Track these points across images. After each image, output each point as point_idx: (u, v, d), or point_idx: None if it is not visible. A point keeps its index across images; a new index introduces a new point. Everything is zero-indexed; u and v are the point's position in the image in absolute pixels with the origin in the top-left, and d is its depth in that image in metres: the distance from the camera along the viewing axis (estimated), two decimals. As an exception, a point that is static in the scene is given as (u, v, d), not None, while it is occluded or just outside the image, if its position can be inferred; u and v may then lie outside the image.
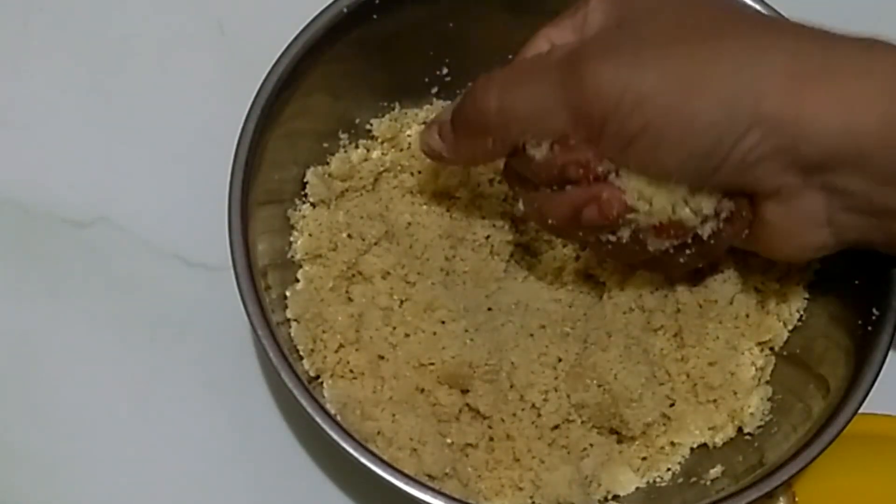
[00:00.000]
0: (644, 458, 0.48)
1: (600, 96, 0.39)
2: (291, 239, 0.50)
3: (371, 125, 0.52)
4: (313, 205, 0.51)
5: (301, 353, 0.48)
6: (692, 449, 0.49)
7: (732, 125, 0.39)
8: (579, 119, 0.40)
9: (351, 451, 0.42)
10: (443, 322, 0.48)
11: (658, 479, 0.49)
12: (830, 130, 0.38)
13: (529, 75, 0.42)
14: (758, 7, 0.49)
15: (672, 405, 0.48)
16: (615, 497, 0.48)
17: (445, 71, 0.52)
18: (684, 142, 0.39)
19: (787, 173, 0.40)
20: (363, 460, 0.42)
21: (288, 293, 0.49)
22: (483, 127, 0.43)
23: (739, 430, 0.49)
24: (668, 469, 0.49)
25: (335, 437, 0.42)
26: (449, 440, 0.47)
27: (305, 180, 0.51)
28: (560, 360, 0.48)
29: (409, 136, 0.53)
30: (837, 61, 0.39)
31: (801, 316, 0.49)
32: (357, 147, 0.52)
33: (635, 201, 0.42)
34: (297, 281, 0.50)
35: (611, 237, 0.43)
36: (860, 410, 0.44)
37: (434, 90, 0.53)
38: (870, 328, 0.45)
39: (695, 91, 0.39)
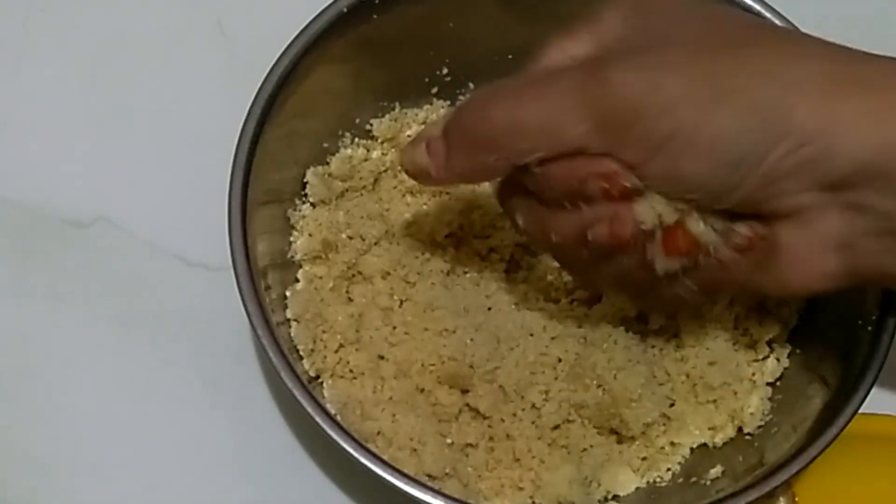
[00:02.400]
0: (644, 458, 0.48)
1: (627, 99, 0.37)
2: (291, 239, 0.50)
3: (371, 125, 0.52)
4: (313, 205, 0.51)
5: (301, 353, 0.48)
6: (692, 449, 0.49)
7: (765, 133, 0.37)
8: (602, 127, 0.38)
9: (351, 451, 0.42)
10: (443, 322, 0.48)
11: (658, 479, 0.49)
12: (863, 144, 0.36)
13: (546, 85, 0.39)
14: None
15: (672, 405, 0.48)
16: (615, 497, 0.48)
17: (445, 71, 0.52)
18: (714, 149, 0.37)
19: (811, 190, 0.38)
20: (363, 460, 0.42)
21: (288, 293, 0.49)
22: (489, 142, 0.39)
23: (739, 430, 0.49)
24: (668, 469, 0.49)
25: (335, 437, 0.42)
26: (449, 440, 0.47)
27: (305, 180, 0.51)
28: (560, 360, 0.47)
29: (408, 136, 0.52)
30: (871, 75, 0.37)
31: (801, 316, 0.49)
32: (357, 147, 0.52)
33: (649, 218, 0.39)
34: (297, 281, 0.50)
35: (620, 261, 0.40)
36: (860, 410, 0.44)
37: (434, 90, 0.53)
38: (870, 328, 0.45)
39: (727, 96, 0.37)
